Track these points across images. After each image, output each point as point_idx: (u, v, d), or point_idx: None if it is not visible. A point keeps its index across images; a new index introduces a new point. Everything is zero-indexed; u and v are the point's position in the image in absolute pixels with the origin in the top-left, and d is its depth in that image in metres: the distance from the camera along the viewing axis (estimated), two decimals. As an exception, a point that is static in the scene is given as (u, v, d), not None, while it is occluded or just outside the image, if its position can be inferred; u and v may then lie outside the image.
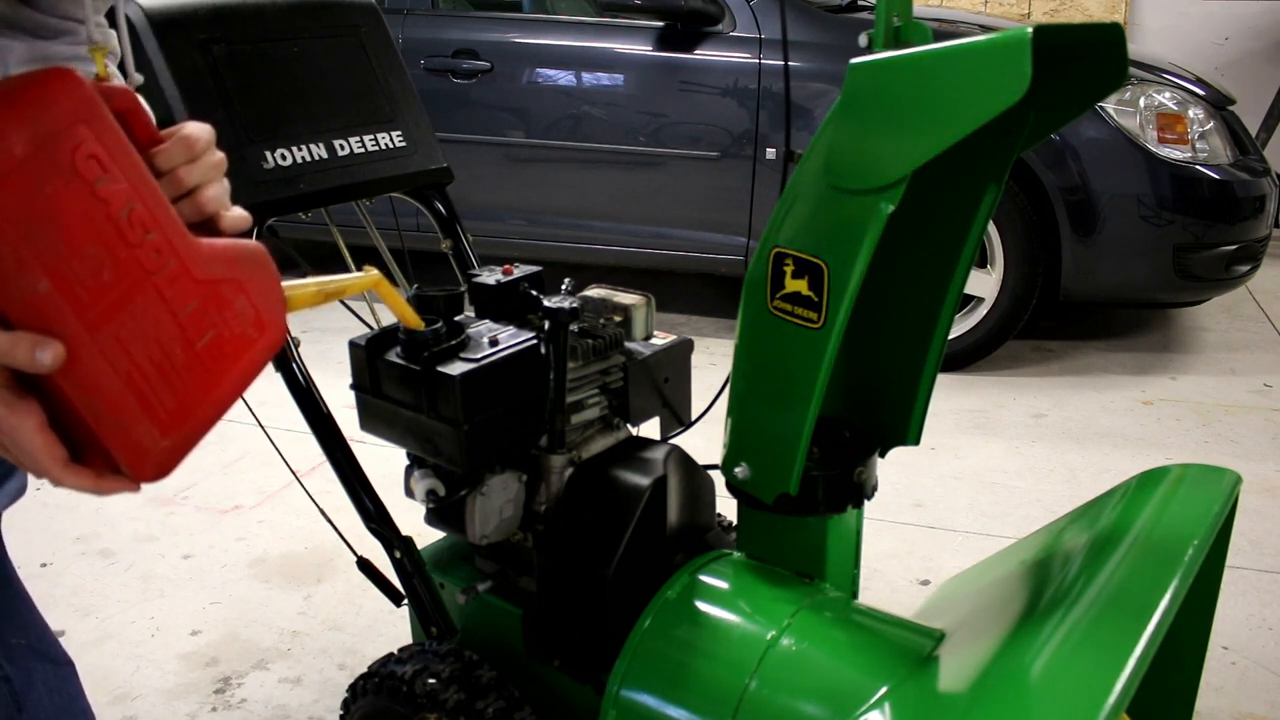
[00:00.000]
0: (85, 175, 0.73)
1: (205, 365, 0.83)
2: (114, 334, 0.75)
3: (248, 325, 0.86)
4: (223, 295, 0.83)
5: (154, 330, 0.78)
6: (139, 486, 0.77)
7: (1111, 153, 3.08)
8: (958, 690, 1.01)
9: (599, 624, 1.23)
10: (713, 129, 3.37)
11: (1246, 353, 3.50)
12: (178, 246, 0.79)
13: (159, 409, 0.78)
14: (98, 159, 0.74)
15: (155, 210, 0.78)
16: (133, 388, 0.76)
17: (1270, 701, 1.76)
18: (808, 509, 1.23)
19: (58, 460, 0.72)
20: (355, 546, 1.47)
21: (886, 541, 2.28)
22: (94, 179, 0.74)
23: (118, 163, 0.75)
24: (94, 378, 0.74)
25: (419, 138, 1.51)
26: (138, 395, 0.77)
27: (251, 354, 0.87)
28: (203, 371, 0.82)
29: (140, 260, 0.77)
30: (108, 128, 0.75)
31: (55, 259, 0.72)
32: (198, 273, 0.81)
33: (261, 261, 0.88)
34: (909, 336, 1.27)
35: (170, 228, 0.79)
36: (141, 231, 0.77)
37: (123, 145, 0.76)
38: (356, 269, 1.55)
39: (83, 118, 0.73)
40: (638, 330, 1.40)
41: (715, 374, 3.20)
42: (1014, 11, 5.85)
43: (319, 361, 1.25)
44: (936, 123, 0.94)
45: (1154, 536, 1.05)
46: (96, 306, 0.74)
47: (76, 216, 0.73)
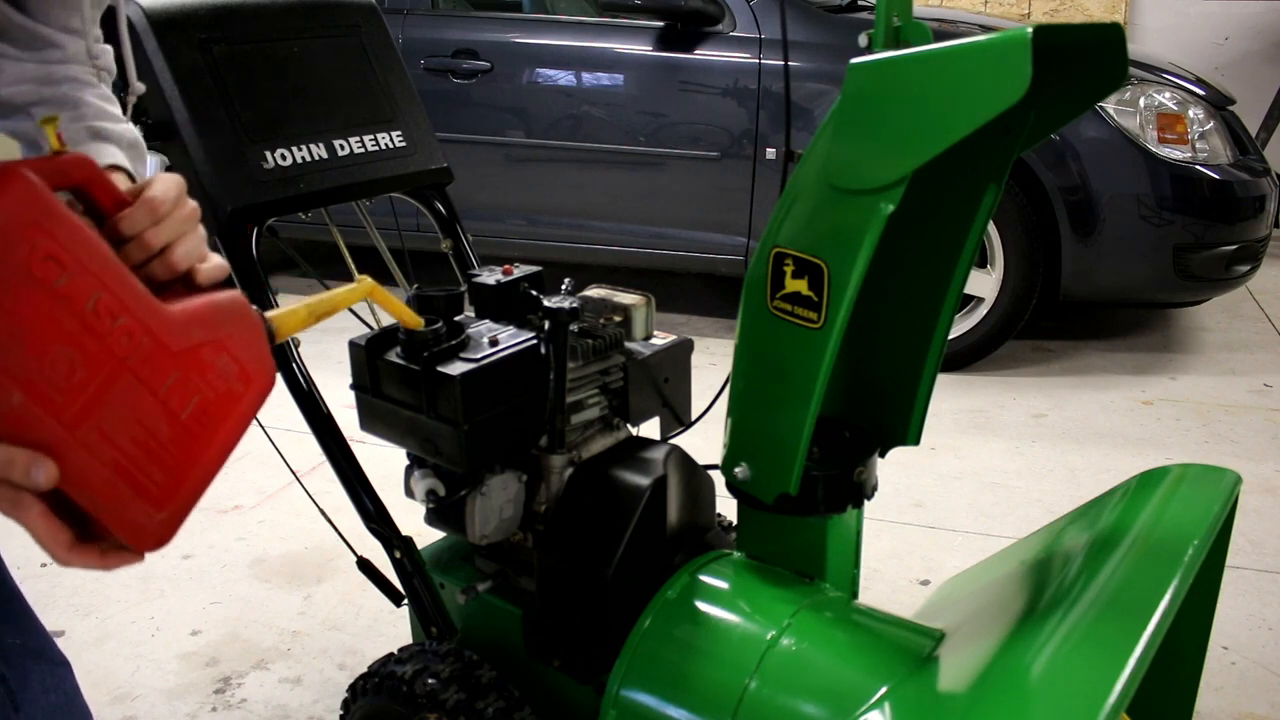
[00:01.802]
0: (44, 278, 0.72)
1: (192, 433, 0.82)
2: (95, 427, 0.75)
3: (233, 381, 0.85)
4: (203, 359, 0.83)
5: (135, 413, 0.78)
6: (144, 557, 0.79)
7: (1111, 153, 3.08)
8: (958, 690, 1.01)
9: (599, 624, 1.23)
10: (713, 129, 3.37)
11: (1246, 353, 3.50)
12: (150, 325, 0.78)
13: (150, 486, 0.79)
14: (55, 258, 0.72)
15: (122, 294, 0.77)
16: (121, 473, 0.77)
17: (1270, 701, 1.76)
18: (808, 509, 1.23)
19: (62, 544, 0.73)
20: (355, 546, 1.47)
21: (886, 541, 2.28)
22: (54, 280, 0.72)
23: (77, 256, 0.74)
24: (80, 473, 0.74)
25: (419, 138, 1.51)
26: (126, 479, 0.77)
27: (240, 408, 0.86)
28: (190, 439, 0.82)
29: (112, 349, 0.76)
30: (61, 222, 0.73)
31: (23, 369, 0.71)
32: (174, 345, 0.80)
33: (240, 313, 0.87)
34: (909, 336, 1.27)
35: (139, 307, 0.78)
36: (110, 320, 0.76)
37: (80, 235, 0.74)
38: (356, 269, 1.55)
39: (32, 220, 0.71)
40: (638, 330, 1.40)
41: (715, 374, 3.20)
42: (1014, 11, 5.85)
43: (319, 361, 1.25)
44: (936, 123, 0.94)
45: (1154, 536, 1.05)
46: (73, 406, 0.74)
47: (40, 322, 0.72)
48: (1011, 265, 3.18)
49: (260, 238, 1.33)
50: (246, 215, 1.31)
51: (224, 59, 1.32)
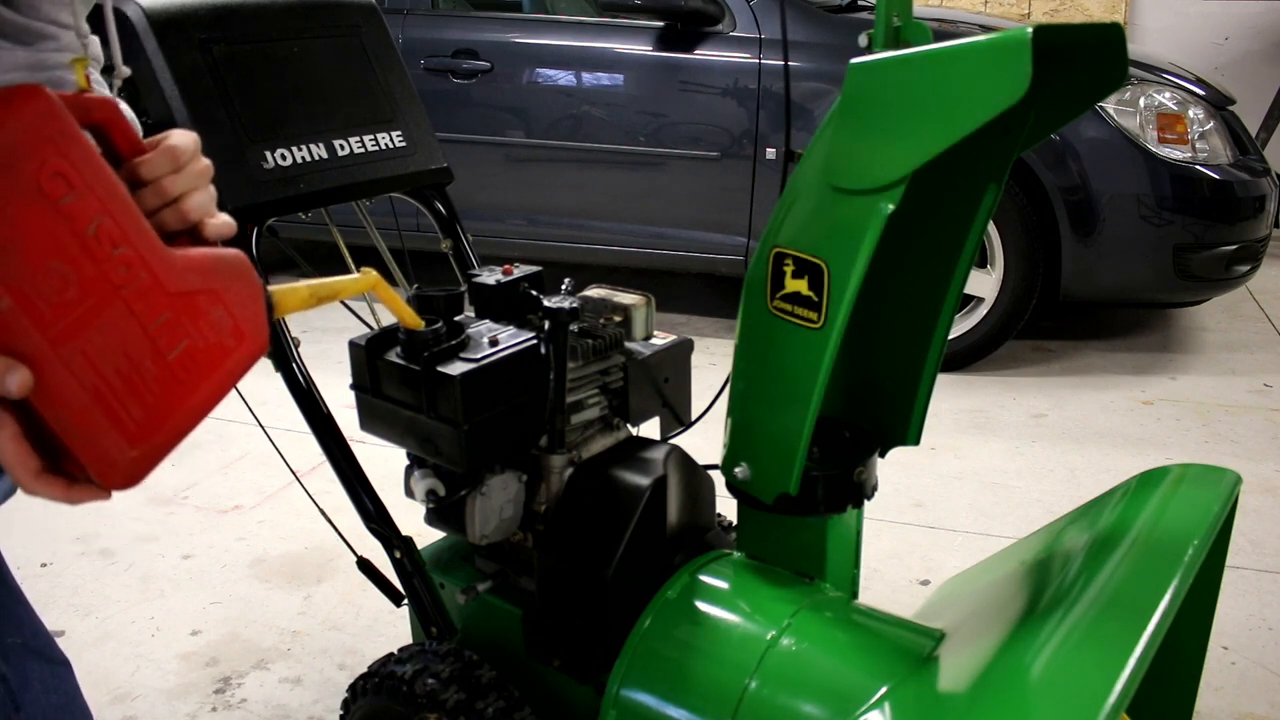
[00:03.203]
0: (50, 193, 0.73)
1: (177, 376, 0.82)
2: (79, 349, 0.75)
3: (225, 335, 0.85)
4: (197, 306, 0.83)
5: (122, 344, 0.78)
6: (109, 495, 0.78)
7: (1111, 153, 3.08)
8: (958, 690, 1.01)
9: (599, 624, 1.23)
10: (713, 129, 3.37)
11: (1246, 353, 3.50)
12: (149, 259, 0.79)
13: (127, 421, 0.78)
14: (64, 176, 0.73)
15: (125, 224, 0.78)
16: (99, 400, 0.77)
17: (1270, 701, 1.76)
18: (808, 509, 1.23)
19: (30, 470, 0.73)
20: (355, 546, 1.47)
21: (886, 541, 2.28)
22: (59, 196, 0.73)
23: (86, 178, 0.75)
24: (58, 392, 0.74)
25: (419, 138, 1.51)
26: (104, 408, 0.77)
27: (228, 363, 0.86)
28: (174, 382, 0.82)
29: (108, 275, 0.77)
30: (75, 143, 0.74)
31: (17, 277, 0.72)
32: (170, 285, 0.81)
33: (241, 270, 0.87)
34: (909, 336, 1.27)
35: (141, 240, 0.79)
36: (110, 246, 0.77)
37: (92, 160, 0.75)
38: (356, 269, 1.55)
39: (48, 136, 0.73)
40: (638, 330, 1.40)
41: (715, 374, 3.20)
42: (1014, 11, 5.85)
43: (319, 361, 1.26)
44: (936, 123, 0.94)
45: (1154, 536, 1.05)
46: (60, 322, 0.74)
47: (40, 234, 0.73)
48: (1011, 265, 3.18)
49: (260, 238, 1.33)
50: (246, 215, 1.31)
51: (224, 59, 1.32)
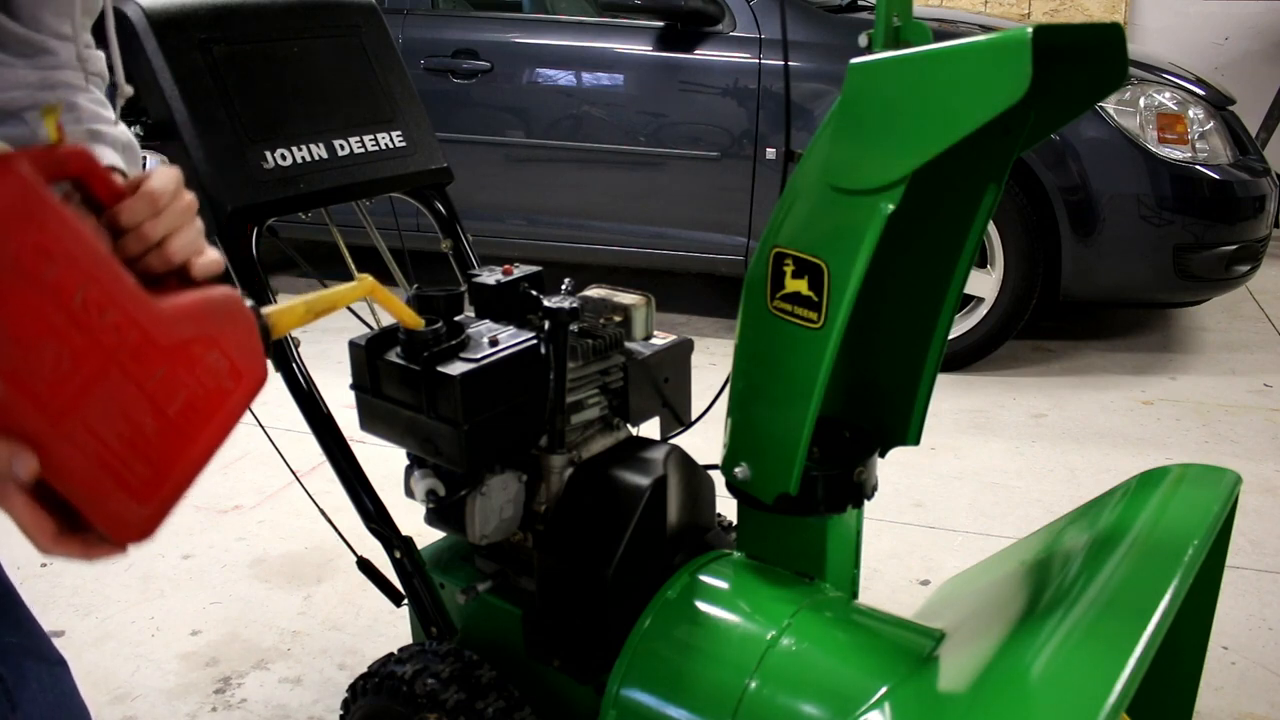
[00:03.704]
0: (32, 270, 0.71)
1: (179, 428, 0.82)
2: (80, 421, 0.75)
3: (223, 378, 0.84)
4: (193, 355, 0.82)
5: (121, 408, 0.77)
6: (125, 550, 0.78)
7: (1111, 153, 3.08)
8: (958, 690, 1.01)
9: (599, 624, 1.23)
10: (713, 129, 3.37)
11: (1246, 353, 3.50)
12: (139, 318, 0.78)
13: (133, 481, 0.78)
14: (44, 249, 0.72)
15: (110, 287, 0.76)
16: (104, 467, 0.76)
17: (1270, 701, 1.76)
18: (808, 509, 1.23)
19: (46, 534, 0.73)
20: (355, 546, 1.47)
21: (886, 541, 2.28)
22: (41, 272, 0.72)
23: (66, 248, 0.73)
24: (63, 466, 0.74)
25: (419, 138, 1.51)
26: (110, 473, 0.77)
27: (229, 405, 0.85)
28: (176, 434, 0.82)
29: (100, 342, 0.75)
30: (52, 214, 0.73)
31: (8, 360, 0.71)
32: (163, 339, 0.79)
33: (233, 309, 0.86)
34: (909, 336, 1.27)
35: (129, 301, 0.77)
36: (98, 313, 0.75)
37: (70, 229, 0.74)
38: (356, 269, 1.55)
39: (23, 212, 0.71)
40: (638, 330, 1.40)
41: (715, 374, 3.20)
42: (1014, 11, 5.85)
43: (319, 361, 1.25)
44: (936, 123, 0.94)
45: (1154, 536, 1.05)
46: (58, 399, 0.73)
47: (26, 313, 0.71)
48: (1011, 265, 3.18)
49: (260, 237, 1.33)
50: (246, 215, 1.31)
51: (224, 59, 1.32)
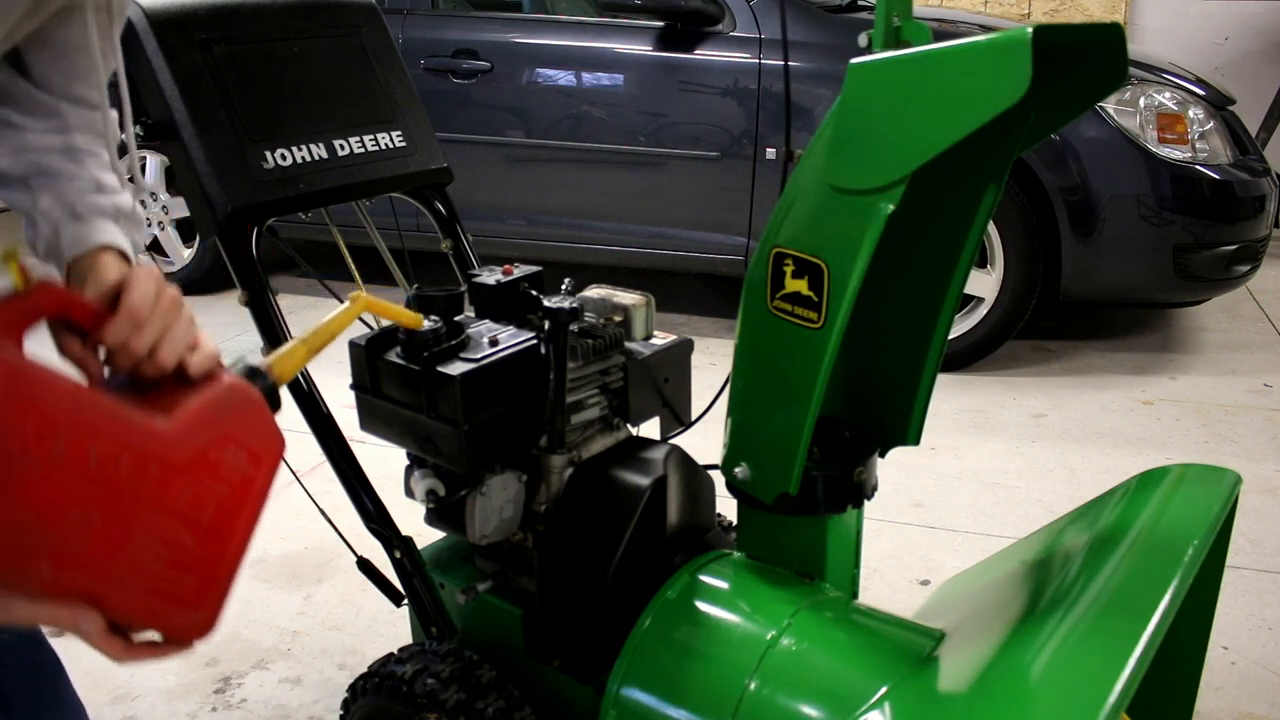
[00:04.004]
0: (41, 451, 0.72)
1: (215, 532, 0.84)
2: (124, 564, 0.78)
3: (244, 466, 0.86)
4: (211, 459, 0.83)
5: (157, 536, 0.80)
6: (194, 645, 0.84)
7: (1111, 153, 3.08)
8: (958, 690, 1.01)
9: (599, 624, 1.23)
10: (713, 129, 3.37)
11: (1246, 353, 3.50)
12: (153, 451, 0.78)
13: (185, 593, 0.82)
14: (46, 427, 0.72)
15: (120, 435, 0.77)
16: (156, 592, 0.80)
17: (1270, 701, 1.76)
18: (808, 509, 1.23)
19: (117, 650, 0.79)
20: (355, 546, 1.47)
21: (886, 541, 2.28)
22: (50, 449, 0.73)
23: (67, 416, 0.74)
24: (119, 605, 0.78)
25: (419, 138, 1.51)
26: (163, 595, 0.80)
27: (256, 490, 0.87)
28: (214, 539, 0.84)
29: (123, 490, 0.77)
30: (43, 389, 0.73)
31: (46, 542, 0.73)
32: (180, 460, 0.80)
33: (237, 398, 0.86)
34: (909, 336, 1.27)
35: (139, 439, 0.78)
36: (114, 465, 0.76)
37: (65, 395, 0.74)
38: (356, 269, 1.55)
39: (17, 399, 0.71)
40: (638, 330, 1.40)
41: (715, 374, 3.20)
42: (1014, 11, 5.85)
43: (319, 361, 1.24)
44: (936, 123, 0.94)
45: (1154, 536, 1.05)
46: (99, 556, 0.76)
47: (48, 493, 0.73)
48: (1011, 265, 3.18)
49: (260, 237, 1.33)
50: (246, 215, 1.31)
51: (224, 59, 1.32)
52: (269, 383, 0.94)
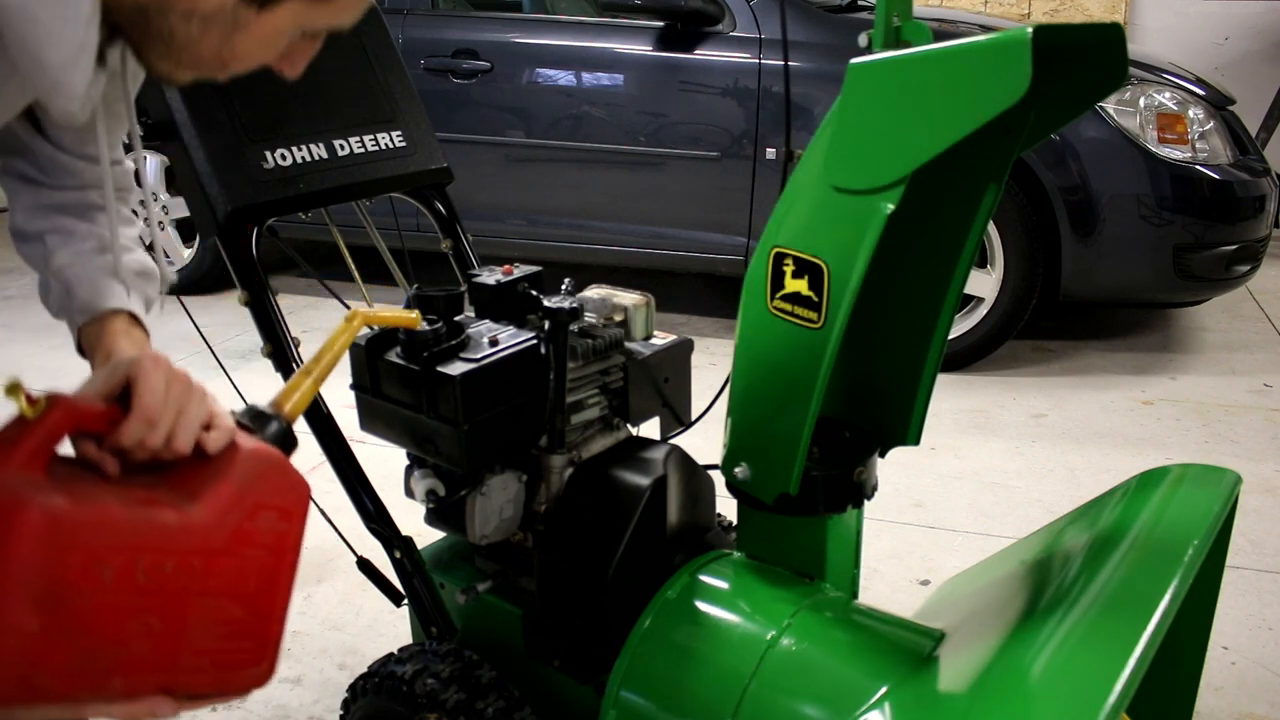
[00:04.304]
0: (90, 584, 0.76)
1: (261, 594, 0.89)
2: (184, 652, 0.83)
3: (276, 525, 0.90)
4: (247, 531, 0.87)
5: (210, 617, 0.84)
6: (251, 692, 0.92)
7: (1111, 153, 3.08)
8: (958, 690, 1.01)
9: (599, 624, 1.23)
10: (713, 129, 3.37)
11: (1246, 353, 3.50)
12: (193, 546, 0.83)
13: (243, 656, 0.87)
14: (91, 559, 0.76)
15: (160, 543, 0.81)
16: (218, 664, 0.86)
17: (1270, 701, 1.76)
18: (808, 509, 1.23)
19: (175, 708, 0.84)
20: (355, 546, 1.47)
21: (886, 541, 2.28)
22: (100, 578, 0.77)
23: (108, 541, 0.77)
24: (188, 686, 0.83)
25: (419, 138, 1.51)
26: (223, 664, 0.86)
27: (290, 542, 0.92)
28: (261, 600, 0.89)
29: (171, 589, 0.81)
30: (83, 524, 0.76)
31: (112, 658, 0.78)
32: (219, 543, 0.84)
33: (261, 462, 0.90)
34: (909, 336, 1.27)
35: (179, 539, 0.82)
36: (159, 572, 0.80)
37: (102, 522, 0.77)
38: (356, 269, 1.55)
39: (61, 548, 0.74)
40: (638, 330, 1.40)
41: (715, 374, 3.20)
42: (1014, 11, 5.85)
43: (319, 361, 1.27)
44: (936, 123, 0.94)
45: (1154, 536, 1.05)
46: (161, 653, 0.81)
47: (107, 618, 0.77)
48: (1011, 265, 3.18)
49: (260, 238, 1.33)
50: (246, 215, 1.31)
51: (224, 59, 1.32)
52: (282, 426, 0.98)
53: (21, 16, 0.74)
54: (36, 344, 3.62)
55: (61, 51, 0.77)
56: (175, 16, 0.82)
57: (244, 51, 0.87)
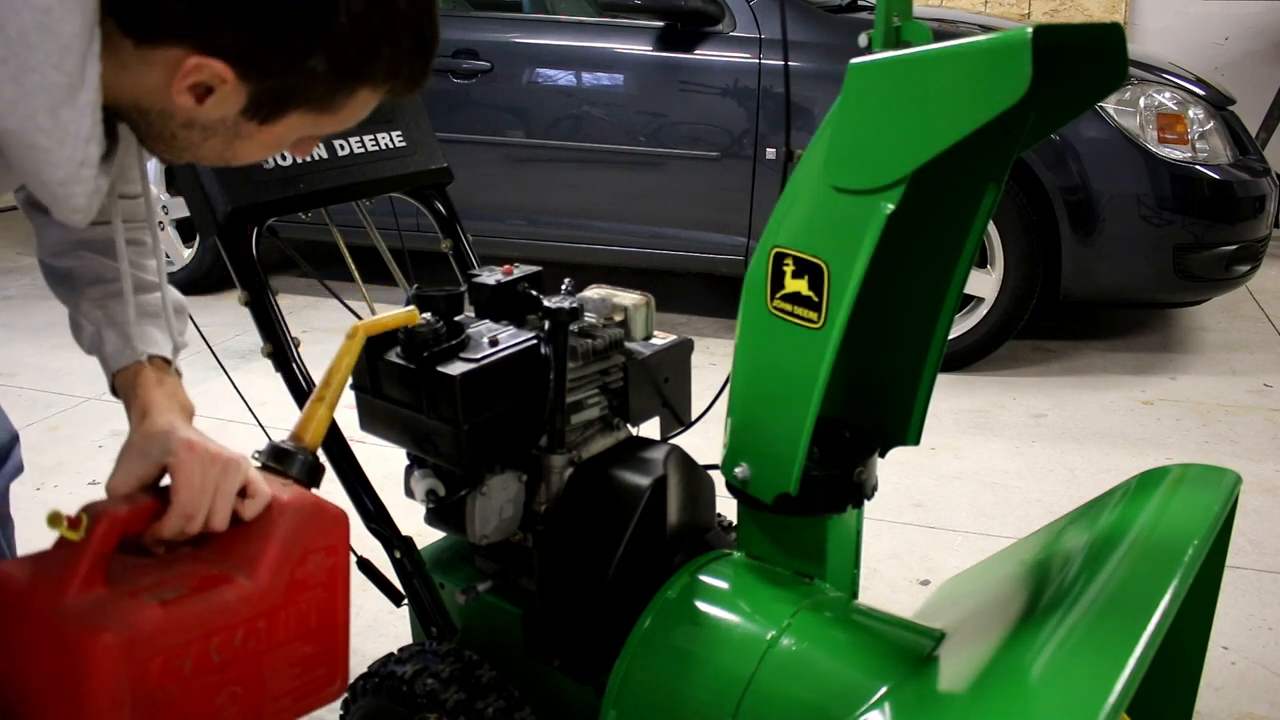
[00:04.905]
0: (172, 683, 0.82)
1: (324, 624, 0.94)
2: (269, 699, 0.90)
3: (324, 561, 0.95)
4: (300, 579, 0.92)
5: (284, 662, 0.91)
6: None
7: (1111, 153, 3.08)
8: (958, 690, 1.01)
9: (599, 624, 1.23)
10: (713, 129, 3.37)
11: (1246, 353, 3.50)
12: (257, 610, 0.88)
13: (319, 681, 0.95)
14: (168, 661, 0.82)
15: (223, 623, 0.86)
16: (297, 696, 0.93)
17: (1270, 701, 1.76)
18: (808, 509, 1.23)
19: None
20: (355, 546, 1.46)
21: (886, 541, 2.28)
22: (180, 671, 0.83)
23: (178, 641, 0.83)
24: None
25: (419, 138, 1.51)
26: (303, 695, 0.94)
27: (340, 570, 0.97)
28: (325, 630, 0.95)
29: (244, 655, 0.87)
30: (151, 637, 0.81)
31: None
32: (278, 599, 0.90)
33: (298, 513, 0.94)
34: (909, 336, 1.27)
35: (241, 611, 0.87)
36: (230, 648, 0.86)
37: (167, 628, 0.82)
38: (356, 269, 1.55)
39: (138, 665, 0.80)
40: (638, 330, 1.40)
41: (715, 374, 3.19)
42: (1014, 11, 5.85)
43: (319, 361, 1.24)
44: (936, 123, 0.94)
45: (1154, 536, 1.05)
46: (248, 711, 0.88)
47: (194, 706, 0.84)
48: (1011, 265, 3.18)
49: (260, 237, 1.33)
50: (246, 215, 1.31)
51: (224, 59, 1.32)
52: (307, 459, 1.01)
53: (21, 143, 0.74)
54: (37, 344, 3.62)
55: (61, 170, 0.76)
56: (175, 124, 0.83)
57: (245, 154, 0.87)
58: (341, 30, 0.77)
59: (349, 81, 0.82)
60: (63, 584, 0.78)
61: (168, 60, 0.77)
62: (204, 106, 0.79)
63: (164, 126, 0.83)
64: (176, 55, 0.76)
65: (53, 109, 0.73)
